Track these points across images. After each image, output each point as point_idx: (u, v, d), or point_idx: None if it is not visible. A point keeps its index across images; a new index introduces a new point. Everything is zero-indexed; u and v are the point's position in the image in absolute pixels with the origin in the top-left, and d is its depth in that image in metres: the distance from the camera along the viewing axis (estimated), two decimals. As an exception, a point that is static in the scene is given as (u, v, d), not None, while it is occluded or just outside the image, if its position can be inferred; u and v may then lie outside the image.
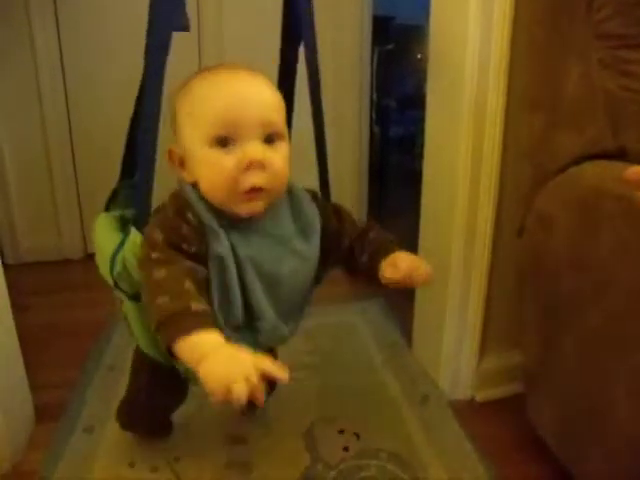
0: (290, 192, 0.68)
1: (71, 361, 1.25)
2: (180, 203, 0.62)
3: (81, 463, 0.93)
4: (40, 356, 1.25)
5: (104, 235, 0.70)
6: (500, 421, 1.07)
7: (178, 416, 1.01)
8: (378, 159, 2.42)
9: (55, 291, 1.68)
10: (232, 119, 0.58)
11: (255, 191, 0.60)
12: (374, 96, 2.23)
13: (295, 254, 0.66)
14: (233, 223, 0.63)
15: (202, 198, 0.62)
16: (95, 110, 1.81)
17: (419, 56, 3.03)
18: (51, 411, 1.07)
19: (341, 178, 1.79)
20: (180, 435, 1.00)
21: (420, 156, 1.15)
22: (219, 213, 0.62)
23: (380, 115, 2.45)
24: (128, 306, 0.69)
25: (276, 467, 0.94)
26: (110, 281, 0.68)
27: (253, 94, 0.61)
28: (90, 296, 1.64)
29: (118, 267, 0.64)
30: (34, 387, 1.07)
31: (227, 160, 0.59)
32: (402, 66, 2.69)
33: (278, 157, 0.61)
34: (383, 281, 0.67)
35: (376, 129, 2.40)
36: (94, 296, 1.63)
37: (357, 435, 1.02)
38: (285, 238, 0.66)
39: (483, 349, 1.12)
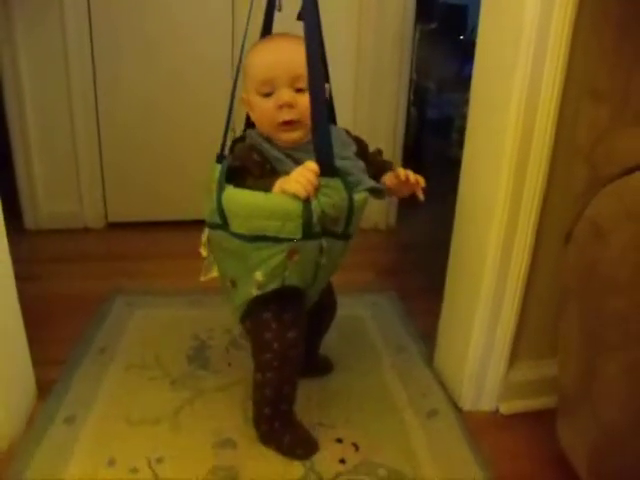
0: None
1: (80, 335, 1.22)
2: (249, 142, 0.86)
3: (57, 458, 0.89)
4: (49, 329, 1.22)
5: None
6: (524, 437, 1.01)
7: (166, 407, 0.99)
8: (413, 141, 2.31)
9: (72, 260, 1.65)
10: (269, 78, 0.82)
11: (288, 123, 0.83)
12: (413, 76, 2.11)
13: (341, 157, 0.83)
14: (287, 152, 0.84)
15: (262, 136, 0.86)
16: (121, 78, 1.76)
17: (461, 37, 2.89)
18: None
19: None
20: (166, 430, 0.95)
21: (457, 142, 1.06)
22: (276, 146, 0.85)
23: (418, 96, 2.33)
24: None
25: (265, 477, 0.88)
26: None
27: (284, 58, 0.83)
28: (107, 266, 1.62)
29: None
30: (40, 362, 1.04)
31: (268, 103, 0.83)
32: (444, 47, 2.55)
33: (305, 99, 0.80)
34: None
35: (413, 110, 2.27)
36: (111, 266, 1.61)
37: (356, 446, 0.95)
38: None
39: (513, 357, 1.04)
